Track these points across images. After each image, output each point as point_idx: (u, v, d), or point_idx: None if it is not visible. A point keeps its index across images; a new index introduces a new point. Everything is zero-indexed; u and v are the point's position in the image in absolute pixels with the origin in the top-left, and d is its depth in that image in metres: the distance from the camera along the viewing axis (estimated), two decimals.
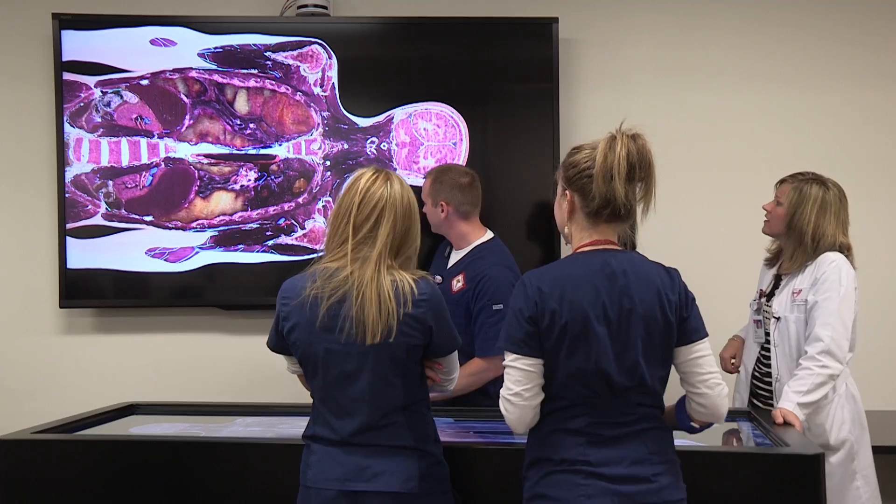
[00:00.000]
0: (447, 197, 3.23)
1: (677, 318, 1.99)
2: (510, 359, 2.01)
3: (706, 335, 2.04)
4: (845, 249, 2.94)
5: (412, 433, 2.18)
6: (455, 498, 2.29)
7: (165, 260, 3.90)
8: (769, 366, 3.02)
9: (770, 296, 3.07)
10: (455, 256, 3.29)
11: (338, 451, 2.17)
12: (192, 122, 3.89)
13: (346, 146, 3.91)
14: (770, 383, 3.00)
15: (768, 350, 3.04)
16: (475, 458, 2.41)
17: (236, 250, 3.91)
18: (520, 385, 1.99)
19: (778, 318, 2.97)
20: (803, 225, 2.90)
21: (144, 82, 3.89)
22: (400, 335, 2.12)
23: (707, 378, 2.00)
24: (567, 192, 2.08)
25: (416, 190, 3.89)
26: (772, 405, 2.93)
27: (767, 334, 3.03)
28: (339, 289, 2.13)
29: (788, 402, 2.74)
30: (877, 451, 3.03)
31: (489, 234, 3.30)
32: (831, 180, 3.00)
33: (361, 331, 2.11)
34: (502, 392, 2.03)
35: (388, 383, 2.16)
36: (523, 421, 2.02)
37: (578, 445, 1.98)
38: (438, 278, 3.24)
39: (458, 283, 3.18)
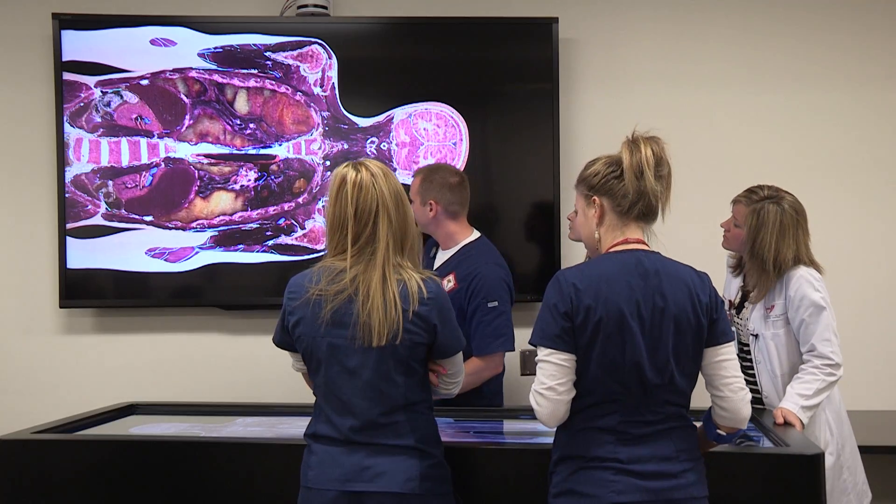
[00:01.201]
0: (436, 196, 3.20)
1: (708, 320, 2.04)
2: (544, 353, 2.04)
3: (733, 339, 2.10)
4: (811, 264, 2.95)
5: (414, 433, 2.18)
6: (457, 499, 2.29)
7: (165, 260, 3.90)
8: (749, 374, 3.02)
9: (740, 307, 3.10)
10: (442, 256, 3.27)
11: (339, 450, 2.17)
12: (192, 122, 3.89)
13: (346, 146, 3.91)
14: (754, 391, 3.00)
15: (744, 359, 3.04)
16: (476, 458, 2.41)
17: (236, 250, 3.91)
18: (553, 379, 2.02)
19: (756, 336, 2.99)
20: (764, 251, 2.91)
21: (144, 82, 3.89)
22: (405, 334, 2.13)
23: (731, 382, 2.05)
24: (595, 198, 2.13)
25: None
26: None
27: (744, 344, 3.05)
28: (343, 291, 2.14)
29: (792, 403, 2.75)
30: (865, 451, 3.07)
31: (476, 234, 3.28)
32: (787, 194, 2.98)
33: (367, 333, 2.12)
34: (534, 387, 2.05)
35: (389, 381, 2.16)
36: (555, 415, 2.05)
37: (608, 443, 2.02)
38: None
39: (448, 283, 3.15)
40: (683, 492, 2.01)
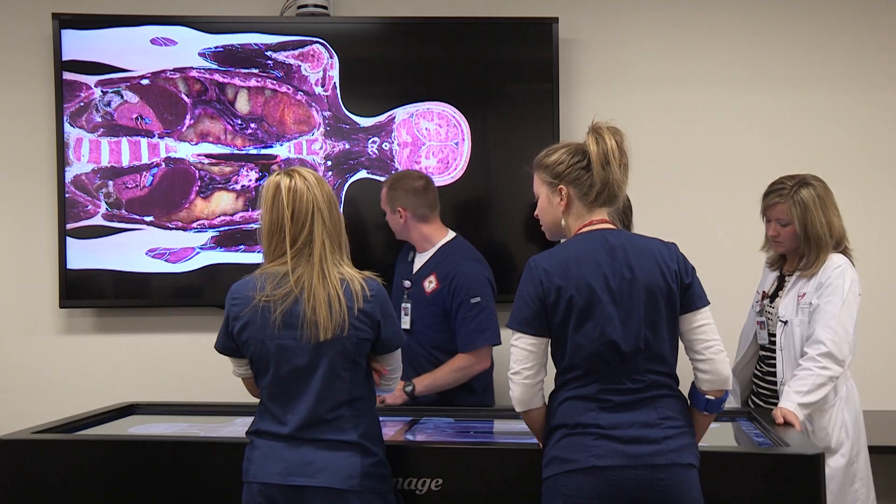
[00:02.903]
0: (403, 202, 3.31)
1: (679, 286, 2.12)
2: (514, 338, 2.15)
3: (708, 303, 2.16)
4: (845, 237, 2.97)
5: (356, 428, 2.23)
6: (396, 498, 2.33)
7: (166, 260, 3.89)
8: (772, 366, 3.01)
9: (773, 297, 3.07)
10: (421, 259, 3.36)
11: (282, 445, 2.23)
12: (192, 121, 3.89)
13: (347, 146, 3.91)
14: (773, 383, 2.99)
15: (769, 350, 3.03)
16: (490, 458, 2.42)
17: (237, 251, 3.91)
18: (520, 364, 2.13)
19: (785, 322, 2.95)
20: (818, 229, 2.90)
21: (145, 82, 3.88)
22: (352, 329, 2.21)
23: (711, 345, 2.13)
24: (561, 187, 2.23)
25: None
26: (775, 405, 2.92)
27: (772, 335, 3.03)
28: (290, 293, 2.22)
29: (789, 401, 2.74)
30: (872, 451, 3.05)
31: (452, 234, 3.37)
32: (808, 175, 3.00)
33: (314, 331, 2.20)
34: (508, 371, 2.15)
35: (337, 377, 2.23)
36: (523, 399, 2.15)
37: (590, 411, 2.09)
38: (408, 283, 3.35)
39: (430, 284, 3.26)
40: (664, 457, 2.05)
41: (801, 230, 2.93)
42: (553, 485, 2.10)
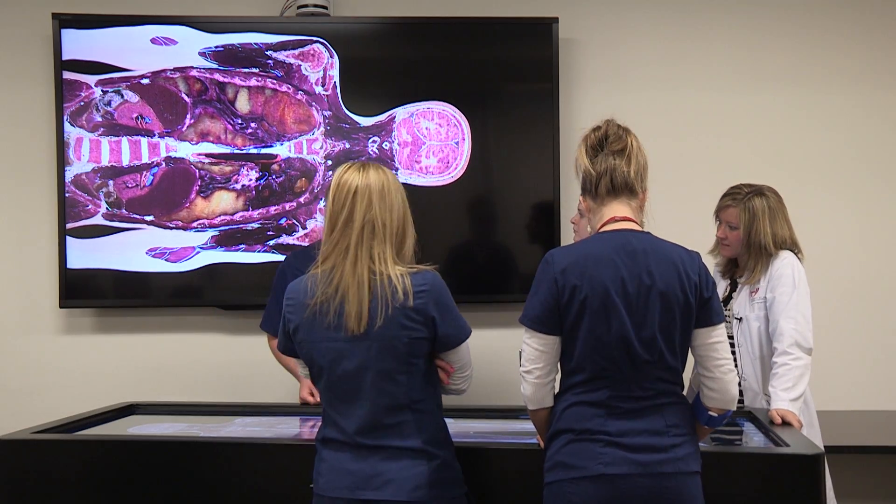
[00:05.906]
0: None
1: (697, 299, 2.07)
2: (526, 336, 2.12)
3: (724, 320, 2.13)
4: (796, 247, 3.07)
5: (421, 434, 2.15)
6: (469, 500, 2.26)
7: (166, 260, 3.89)
8: None
9: (727, 300, 3.15)
10: None
11: (347, 456, 2.15)
12: (193, 121, 3.89)
13: (347, 145, 3.91)
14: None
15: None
16: (490, 458, 2.42)
17: (237, 250, 3.90)
18: (532, 363, 2.11)
19: (740, 319, 3.05)
20: (761, 238, 3.01)
21: (145, 81, 3.88)
22: (401, 329, 2.11)
23: (722, 364, 2.09)
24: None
25: (421, 189, 3.89)
26: (741, 405, 2.99)
27: (730, 337, 3.07)
28: (338, 291, 2.13)
29: (781, 401, 2.77)
30: (829, 451, 3.05)
31: None
32: (764, 186, 3.09)
33: (353, 322, 2.10)
34: (520, 368, 2.14)
35: (391, 380, 2.14)
36: (535, 398, 2.13)
37: (598, 417, 2.06)
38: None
39: None
40: (672, 465, 2.03)
41: (744, 236, 3.05)
42: (558, 490, 2.07)
